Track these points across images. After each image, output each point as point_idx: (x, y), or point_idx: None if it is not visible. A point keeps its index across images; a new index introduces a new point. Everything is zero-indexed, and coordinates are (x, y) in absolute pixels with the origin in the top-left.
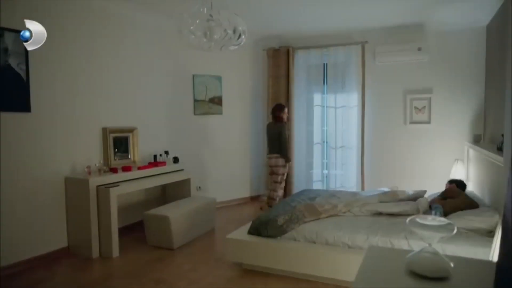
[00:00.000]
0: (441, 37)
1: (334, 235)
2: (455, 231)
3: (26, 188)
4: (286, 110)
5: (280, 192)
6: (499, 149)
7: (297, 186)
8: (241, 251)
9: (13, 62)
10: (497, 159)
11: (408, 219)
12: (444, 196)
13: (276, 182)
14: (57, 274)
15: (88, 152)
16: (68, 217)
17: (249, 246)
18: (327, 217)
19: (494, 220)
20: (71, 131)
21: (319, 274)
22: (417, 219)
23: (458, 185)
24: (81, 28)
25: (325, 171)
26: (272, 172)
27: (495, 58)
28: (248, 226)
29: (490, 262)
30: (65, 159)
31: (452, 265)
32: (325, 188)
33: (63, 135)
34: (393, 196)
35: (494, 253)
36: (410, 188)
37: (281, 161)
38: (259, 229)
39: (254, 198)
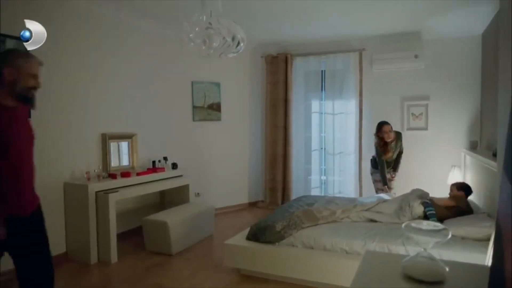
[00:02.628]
0: (438, 45)
1: (331, 241)
2: (449, 236)
3: None
4: (384, 128)
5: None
6: (495, 155)
7: (295, 192)
8: (240, 257)
9: None
10: (493, 165)
11: (403, 224)
12: (457, 208)
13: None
14: (55, 280)
15: (87, 158)
16: (67, 222)
17: (247, 251)
18: (325, 223)
19: (492, 230)
20: (71, 136)
21: (317, 280)
22: (413, 224)
23: (466, 194)
24: (82, 34)
25: (323, 177)
26: None
27: (490, 65)
28: (246, 232)
29: (485, 267)
30: (64, 164)
31: (447, 269)
32: (323, 194)
33: (62, 141)
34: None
35: (489, 258)
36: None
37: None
38: (257, 235)
39: (252, 204)
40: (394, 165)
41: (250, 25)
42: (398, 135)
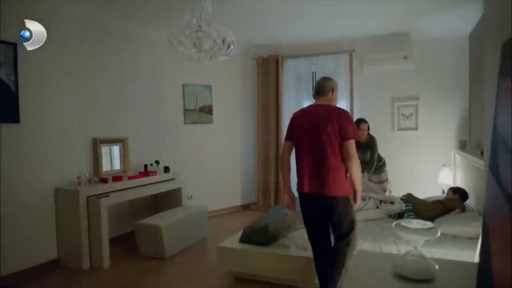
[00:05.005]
0: (426, 46)
1: None
2: (438, 234)
3: (14, 199)
4: (362, 125)
5: None
6: (483, 154)
7: None
8: (233, 260)
9: (2, 73)
10: (481, 164)
11: (394, 223)
12: (444, 204)
13: None
14: (47, 287)
15: (78, 163)
16: (58, 228)
17: (241, 254)
18: None
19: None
20: (61, 141)
21: (311, 281)
22: (402, 223)
23: (461, 197)
24: (71, 39)
25: None
26: None
27: (478, 65)
28: (239, 234)
29: (473, 264)
30: (55, 169)
31: (436, 267)
32: None
33: (53, 146)
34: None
35: (478, 255)
36: (399, 194)
37: None
38: (250, 237)
39: (245, 206)
40: (372, 169)
41: (240, 27)
42: (370, 139)
